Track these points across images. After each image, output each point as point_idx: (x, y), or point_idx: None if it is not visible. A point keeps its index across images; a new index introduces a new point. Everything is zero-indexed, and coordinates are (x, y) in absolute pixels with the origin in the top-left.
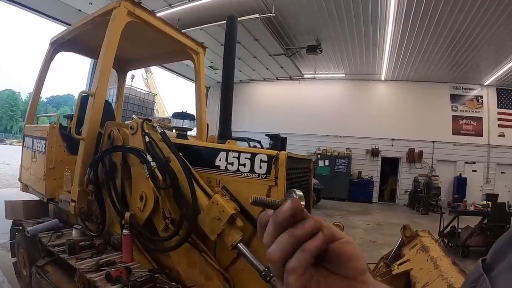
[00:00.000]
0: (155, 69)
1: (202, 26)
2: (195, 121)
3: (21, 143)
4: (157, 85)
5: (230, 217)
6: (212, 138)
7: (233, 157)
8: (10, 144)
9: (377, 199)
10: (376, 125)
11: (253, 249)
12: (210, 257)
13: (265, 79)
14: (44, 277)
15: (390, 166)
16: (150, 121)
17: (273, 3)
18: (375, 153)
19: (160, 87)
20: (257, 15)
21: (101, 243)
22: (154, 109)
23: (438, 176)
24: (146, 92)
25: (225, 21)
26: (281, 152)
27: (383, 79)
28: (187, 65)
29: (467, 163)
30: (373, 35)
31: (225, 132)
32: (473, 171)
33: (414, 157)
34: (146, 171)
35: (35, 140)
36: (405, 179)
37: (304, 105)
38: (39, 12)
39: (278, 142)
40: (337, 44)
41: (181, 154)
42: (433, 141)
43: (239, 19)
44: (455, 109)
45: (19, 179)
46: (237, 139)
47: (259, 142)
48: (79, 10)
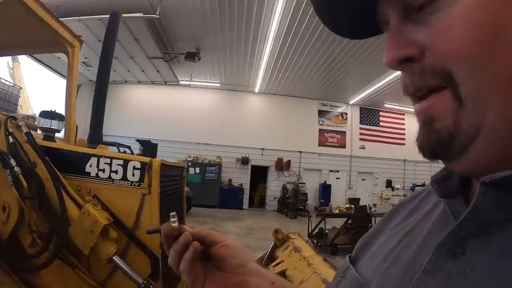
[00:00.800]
0: (23, 59)
1: (81, 17)
2: (64, 122)
3: None
4: (23, 77)
5: (103, 228)
6: (81, 141)
7: (105, 163)
8: None
9: (247, 206)
10: (247, 135)
11: (129, 261)
12: (84, 273)
13: (140, 82)
14: None
15: (259, 173)
16: (15, 119)
17: (159, 5)
18: (245, 161)
19: (26, 80)
20: (141, 15)
21: None
22: (18, 105)
23: (305, 183)
24: (10, 84)
25: (107, 16)
26: (155, 159)
27: (256, 91)
28: (59, 58)
29: (331, 171)
30: (251, 49)
31: (96, 135)
32: (337, 178)
33: (282, 165)
34: (9, 177)
35: None
36: (274, 186)
37: (177, 111)
38: None
39: (148, 148)
40: (216, 54)
41: (48, 158)
42: (301, 152)
43: (122, 15)
44: (322, 123)
45: None
46: (106, 144)
47: (129, 147)
48: None
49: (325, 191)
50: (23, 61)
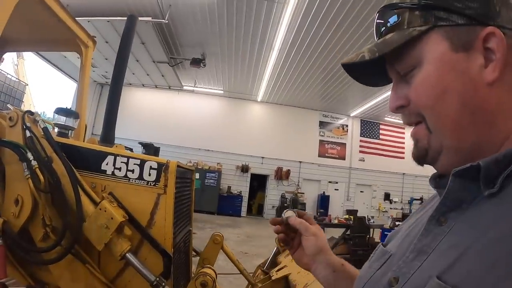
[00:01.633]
0: (28, 56)
1: (91, 18)
2: (78, 120)
3: None
4: (27, 74)
5: (119, 225)
6: (92, 140)
7: (122, 162)
8: None
9: (245, 213)
10: (248, 143)
11: (141, 258)
12: (95, 269)
13: (144, 85)
14: None
15: (258, 182)
16: (32, 113)
17: (169, 10)
18: (245, 169)
19: (30, 77)
20: (150, 19)
21: None
22: (22, 101)
23: (303, 193)
24: (16, 80)
25: (115, 18)
26: (172, 161)
27: (259, 100)
28: (65, 57)
29: (330, 182)
30: (257, 58)
31: (109, 135)
32: (335, 189)
33: (282, 175)
34: (25, 170)
35: None
36: (273, 195)
37: (179, 116)
38: None
39: (151, 151)
40: (221, 61)
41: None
42: (300, 162)
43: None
44: (323, 134)
45: None
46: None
47: (131, 149)
48: None
49: (323, 201)
50: (28, 58)
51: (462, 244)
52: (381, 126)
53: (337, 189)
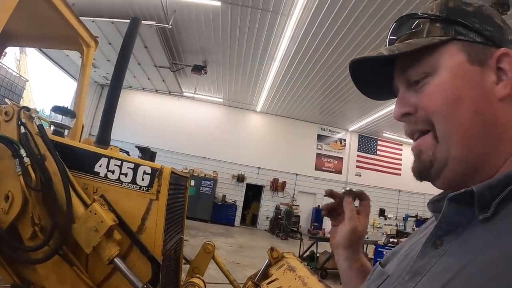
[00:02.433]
0: (31, 52)
1: (95, 18)
2: (75, 120)
3: None
4: (29, 70)
5: (108, 229)
6: (88, 141)
7: (115, 165)
8: None
9: (239, 223)
10: (245, 153)
11: (130, 264)
12: (82, 272)
13: (144, 89)
14: None
15: (253, 192)
16: (28, 109)
17: (173, 15)
18: (240, 178)
19: (31, 73)
20: (154, 23)
21: None
22: (22, 97)
23: (298, 205)
24: (17, 75)
25: (119, 20)
26: (166, 167)
27: (258, 110)
28: (68, 56)
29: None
30: (258, 68)
31: (105, 136)
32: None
33: (277, 186)
34: (17, 166)
35: None
36: (267, 206)
37: (177, 122)
38: None
39: (147, 155)
40: (223, 69)
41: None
42: (297, 174)
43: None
44: (320, 147)
45: None
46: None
47: (127, 152)
48: None
49: (317, 215)
50: (30, 54)
51: (454, 267)
52: (378, 141)
53: None
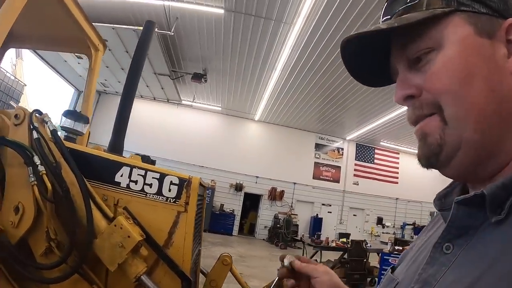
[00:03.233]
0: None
1: (96, 24)
2: (87, 126)
3: None
4: (25, 75)
5: (136, 245)
6: (98, 148)
7: (138, 174)
8: None
9: (237, 232)
10: (243, 162)
11: (156, 281)
12: None
13: (142, 96)
14: None
15: (251, 201)
16: (41, 113)
17: (175, 22)
18: (238, 187)
19: (27, 78)
20: (156, 30)
21: None
22: (19, 101)
23: (297, 214)
24: (14, 79)
25: (120, 26)
26: (194, 176)
27: (256, 119)
28: (65, 61)
29: (323, 205)
30: (258, 77)
31: (118, 144)
32: (328, 212)
33: (275, 195)
34: (31, 176)
35: None
36: (266, 215)
37: (175, 130)
38: None
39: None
40: (222, 77)
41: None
42: (295, 183)
43: (136, 28)
44: (318, 156)
45: None
46: None
47: (153, 162)
48: None
49: (316, 224)
50: (26, 59)
51: (467, 278)
52: (376, 150)
53: (330, 212)
